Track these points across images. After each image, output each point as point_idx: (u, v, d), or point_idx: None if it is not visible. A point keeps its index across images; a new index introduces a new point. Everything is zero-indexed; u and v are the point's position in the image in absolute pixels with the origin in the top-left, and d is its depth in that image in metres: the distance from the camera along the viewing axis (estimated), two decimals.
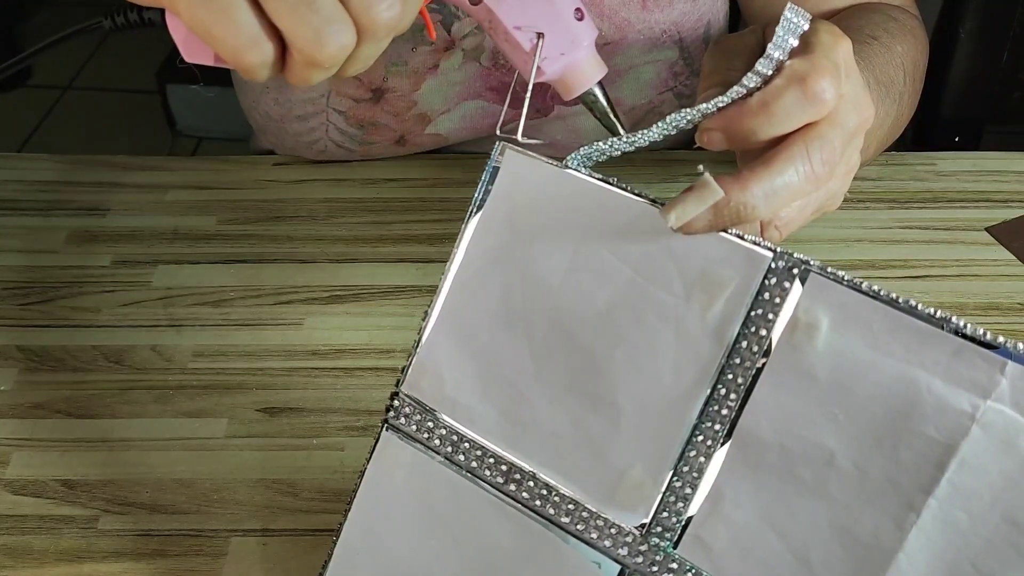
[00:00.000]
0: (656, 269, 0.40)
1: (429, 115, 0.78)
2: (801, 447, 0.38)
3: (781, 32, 0.41)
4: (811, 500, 0.38)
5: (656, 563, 0.40)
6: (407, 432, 0.45)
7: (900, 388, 0.36)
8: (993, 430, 0.35)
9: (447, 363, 0.44)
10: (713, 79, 0.45)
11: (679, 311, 0.40)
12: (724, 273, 0.39)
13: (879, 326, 0.36)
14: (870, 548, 0.37)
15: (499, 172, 0.43)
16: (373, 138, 0.80)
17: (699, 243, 0.39)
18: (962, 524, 0.35)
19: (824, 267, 0.37)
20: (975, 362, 0.35)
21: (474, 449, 0.43)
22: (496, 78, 0.76)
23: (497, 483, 0.43)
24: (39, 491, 0.57)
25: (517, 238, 0.43)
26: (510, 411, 0.43)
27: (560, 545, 0.42)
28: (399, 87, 0.75)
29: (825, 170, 0.41)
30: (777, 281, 0.38)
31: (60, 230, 0.75)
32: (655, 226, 0.40)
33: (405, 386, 0.45)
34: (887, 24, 0.66)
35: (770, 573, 0.38)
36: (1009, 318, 0.66)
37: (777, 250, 0.38)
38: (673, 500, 0.40)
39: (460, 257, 0.44)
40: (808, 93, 0.40)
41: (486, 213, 0.43)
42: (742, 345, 0.38)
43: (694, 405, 0.39)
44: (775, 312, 0.38)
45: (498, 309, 0.43)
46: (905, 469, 0.36)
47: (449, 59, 0.74)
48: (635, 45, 0.75)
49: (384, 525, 0.45)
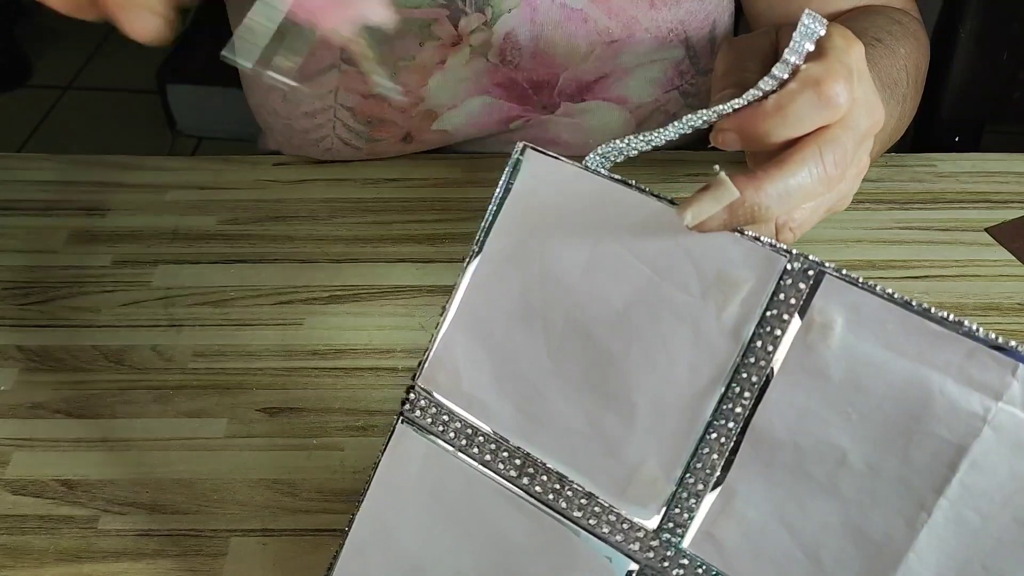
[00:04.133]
0: (673, 269, 0.40)
1: (436, 111, 0.78)
2: (814, 446, 0.38)
3: (798, 37, 0.41)
4: (823, 498, 0.38)
5: (667, 559, 0.40)
6: (422, 425, 0.45)
7: (913, 389, 0.36)
8: (1004, 431, 0.35)
9: (464, 358, 0.44)
10: (727, 79, 0.45)
11: (695, 310, 0.40)
12: (740, 274, 0.39)
13: (893, 328, 0.37)
14: (881, 546, 0.37)
15: (519, 171, 0.44)
16: (380, 135, 0.80)
17: (716, 244, 0.40)
18: (973, 524, 0.36)
19: (839, 269, 0.38)
20: (987, 364, 0.35)
21: (488, 443, 0.44)
22: (503, 74, 0.77)
23: (511, 476, 0.43)
24: (39, 491, 0.57)
25: (536, 236, 0.43)
26: (525, 406, 0.43)
27: (572, 539, 0.42)
28: (407, 82, 0.76)
29: (837, 172, 0.41)
30: (792, 282, 0.38)
31: (60, 230, 0.75)
32: (672, 226, 0.40)
33: (421, 380, 0.45)
34: (890, 27, 0.67)
35: (781, 570, 0.39)
36: (1009, 318, 0.66)
37: (793, 252, 0.39)
38: (685, 496, 0.40)
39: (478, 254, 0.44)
40: (822, 97, 0.40)
41: (506, 211, 0.44)
42: (757, 344, 0.39)
43: (709, 403, 0.40)
44: (790, 312, 0.38)
45: (515, 306, 0.43)
46: (917, 469, 0.36)
47: (456, 55, 0.74)
48: (642, 43, 0.76)
49: (396, 517, 0.45)
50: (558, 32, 0.74)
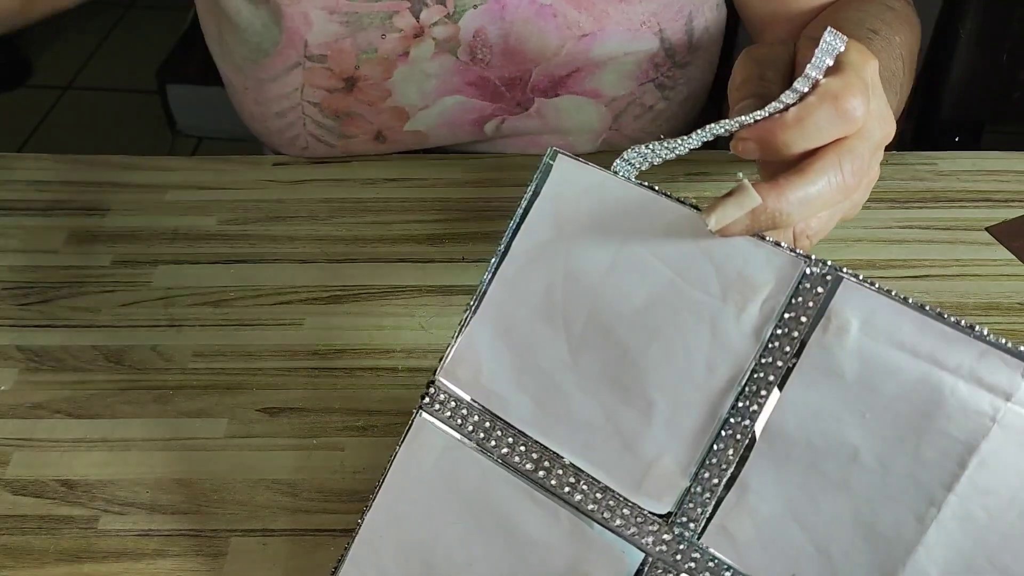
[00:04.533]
0: (694, 271, 0.42)
1: (407, 110, 0.79)
2: (827, 443, 0.39)
3: (820, 53, 0.43)
4: (834, 494, 0.39)
5: (680, 552, 0.41)
6: (441, 419, 0.46)
7: (925, 389, 0.38)
8: (1013, 431, 0.37)
9: (485, 354, 0.46)
10: (746, 89, 0.47)
11: (715, 311, 0.42)
12: (760, 277, 0.41)
13: (907, 330, 0.38)
14: (890, 541, 0.38)
15: (549, 175, 0.45)
16: (351, 130, 0.80)
17: (737, 248, 0.41)
18: (980, 520, 0.37)
19: (856, 274, 0.39)
20: (998, 366, 0.37)
21: (506, 436, 0.45)
22: (475, 73, 0.77)
23: (527, 470, 0.44)
24: (39, 491, 0.57)
25: (562, 238, 0.45)
26: (544, 401, 0.44)
27: (586, 531, 0.43)
28: (371, 75, 0.76)
29: (854, 181, 0.43)
30: (811, 286, 0.40)
31: (60, 230, 0.75)
32: (694, 230, 0.42)
33: (441, 374, 0.46)
34: (884, 15, 0.67)
35: (792, 564, 0.40)
36: (1009, 318, 0.66)
37: (811, 257, 0.40)
38: (700, 491, 0.41)
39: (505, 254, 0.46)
40: (840, 110, 0.42)
41: (534, 213, 0.45)
42: (775, 345, 0.40)
43: (726, 400, 0.41)
44: (807, 315, 0.40)
45: (539, 304, 0.45)
46: (927, 466, 0.38)
47: (419, 46, 0.75)
48: (614, 36, 0.76)
49: (410, 509, 0.46)
50: (528, 28, 0.74)
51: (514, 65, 0.76)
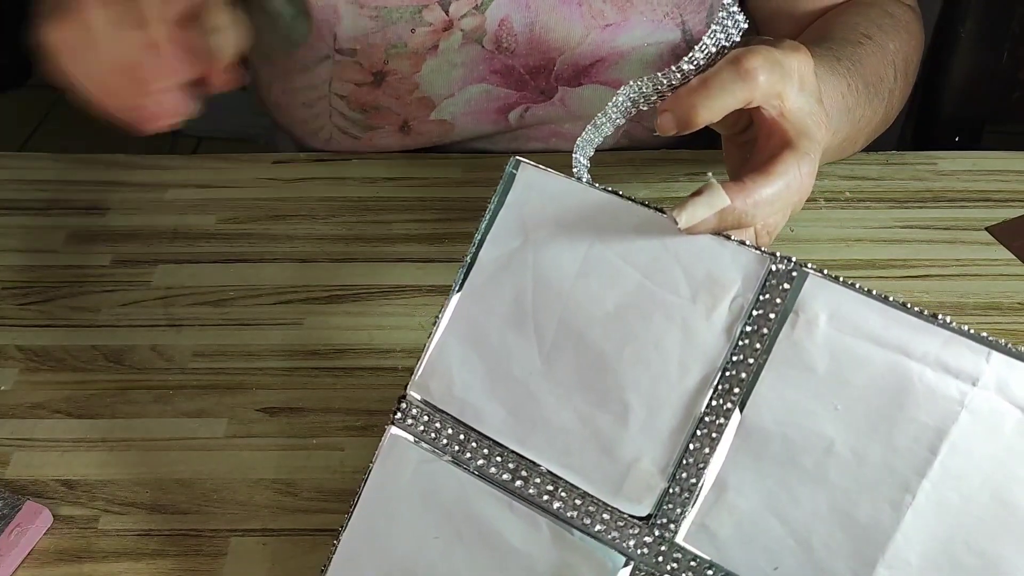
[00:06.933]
0: (663, 272, 0.43)
1: (433, 100, 0.79)
2: (802, 436, 0.40)
3: (715, 27, 0.46)
4: (812, 486, 0.40)
5: (661, 553, 0.41)
6: (414, 433, 0.46)
7: (893, 378, 0.39)
8: (980, 415, 0.38)
9: (457, 365, 0.45)
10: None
11: (685, 311, 0.42)
12: (728, 276, 0.42)
13: (873, 321, 0.39)
14: (869, 529, 0.39)
15: (513, 183, 0.46)
16: (376, 122, 0.80)
17: (704, 248, 0.42)
18: (954, 504, 0.38)
19: (820, 268, 0.40)
20: (962, 352, 0.38)
21: (481, 447, 0.44)
22: (500, 61, 0.77)
23: (504, 480, 0.44)
24: (39, 491, 0.57)
25: (529, 245, 0.45)
26: (518, 409, 0.44)
27: (567, 538, 0.43)
28: (400, 69, 0.77)
29: (808, 181, 0.46)
30: (777, 282, 0.41)
31: (60, 230, 0.75)
32: (660, 232, 0.43)
33: (412, 388, 0.46)
34: (882, 20, 0.68)
35: (773, 558, 0.40)
36: (1009, 318, 0.66)
37: (777, 254, 0.41)
38: (678, 491, 0.41)
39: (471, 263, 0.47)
40: (741, 70, 0.44)
41: (499, 222, 0.46)
42: (745, 343, 0.41)
43: (700, 400, 0.41)
44: (776, 311, 0.41)
45: (509, 312, 0.45)
46: (900, 454, 0.39)
47: (448, 39, 0.75)
48: (638, 27, 0.76)
49: (388, 525, 0.46)
50: (553, 17, 0.75)
51: (539, 54, 0.77)
